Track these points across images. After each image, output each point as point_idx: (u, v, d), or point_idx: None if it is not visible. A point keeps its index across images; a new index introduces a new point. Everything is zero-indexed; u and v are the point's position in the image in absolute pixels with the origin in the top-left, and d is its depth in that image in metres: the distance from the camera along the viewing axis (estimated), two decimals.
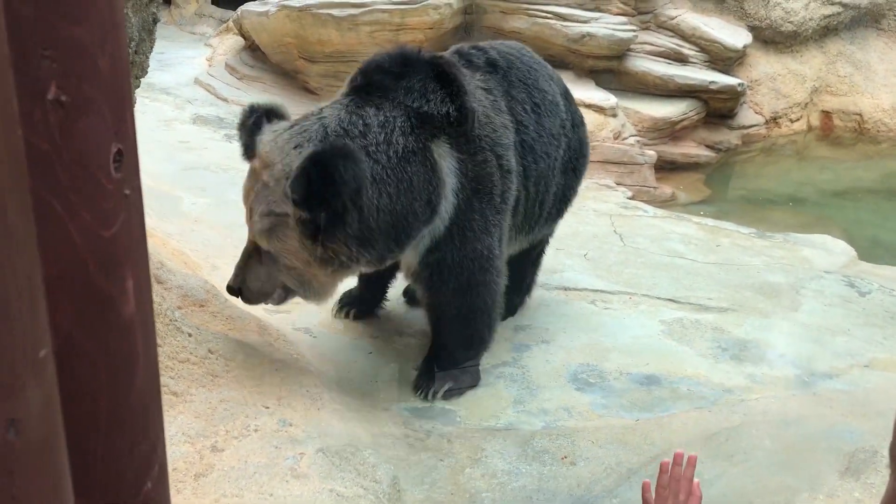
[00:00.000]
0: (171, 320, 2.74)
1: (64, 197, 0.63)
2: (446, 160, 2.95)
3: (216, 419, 2.52)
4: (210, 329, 3.02)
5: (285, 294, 3.02)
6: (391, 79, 2.95)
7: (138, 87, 2.06)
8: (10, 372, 0.48)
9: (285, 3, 7.39)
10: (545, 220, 3.65)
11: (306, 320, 3.84)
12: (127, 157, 0.69)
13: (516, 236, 3.47)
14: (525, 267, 3.88)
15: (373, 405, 3.14)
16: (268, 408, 2.65)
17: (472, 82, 3.14)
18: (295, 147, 2.77)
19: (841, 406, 3.21)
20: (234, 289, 2.97)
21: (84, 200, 0.64)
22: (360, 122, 2.83)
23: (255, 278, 2.93)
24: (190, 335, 2.78)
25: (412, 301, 3.95)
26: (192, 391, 2.61)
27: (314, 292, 3.00)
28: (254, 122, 2.90)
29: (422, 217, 2.90)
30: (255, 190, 2.81)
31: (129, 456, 0.73)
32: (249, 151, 2.91)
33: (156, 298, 2.73)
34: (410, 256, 3.09)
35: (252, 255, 2.93)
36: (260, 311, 3.84)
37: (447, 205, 2.97)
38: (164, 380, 2.58)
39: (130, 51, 1.82)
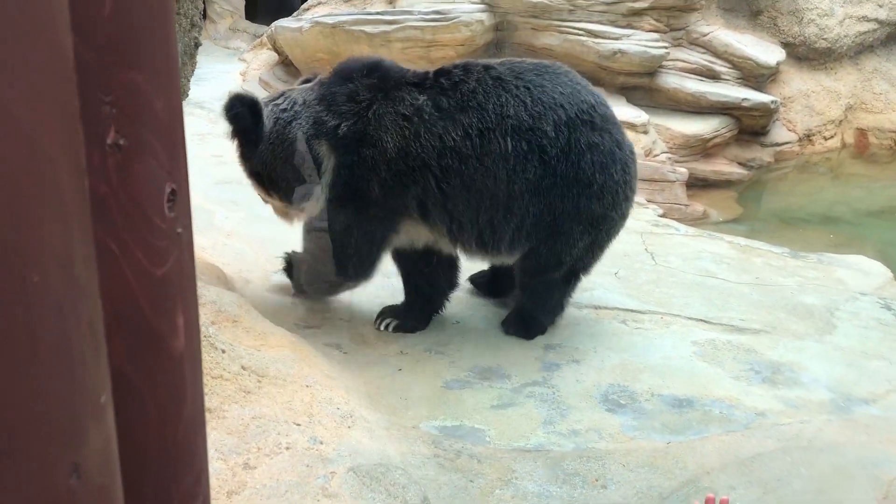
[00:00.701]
0: (205, 336, 2.76)
1: (119, 238, 0.64)
2: (325, 157, 3.65)
3: (248, 436, 2.53)
4: (243, 345, 3.05)
5: None
6: (335, 82, 3.72)
7: None
8: (72, 418, 0.49)
9: (319, 19, 7.48)
10: (513, 237, 3.71)
11: (337, 336, 3.87)
12: (180, 196, 0.70)
13: (464, 247, 3.79)
14: (552, 285, 3.89)
15: (402, 423, 3.14)
16: (299, 425, 2.66)
17: (384, 105, 3.60)
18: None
19: (878, 433, 3.15)
20: None
21: (138, 240, 0.66)
22: (293, 103, 3.70)
23: None
24: (223, 351, 2.81)
25: (478, 288, 4.39)
26: (224, 407, 2.63)
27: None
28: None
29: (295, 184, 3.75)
30: None
31: (176, 490, 0.74)
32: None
33: None
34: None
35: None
36: (291, 325, 3.87)
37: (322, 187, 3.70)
38: None
39: None
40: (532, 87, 3.62)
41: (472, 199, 3.61)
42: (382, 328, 3.93)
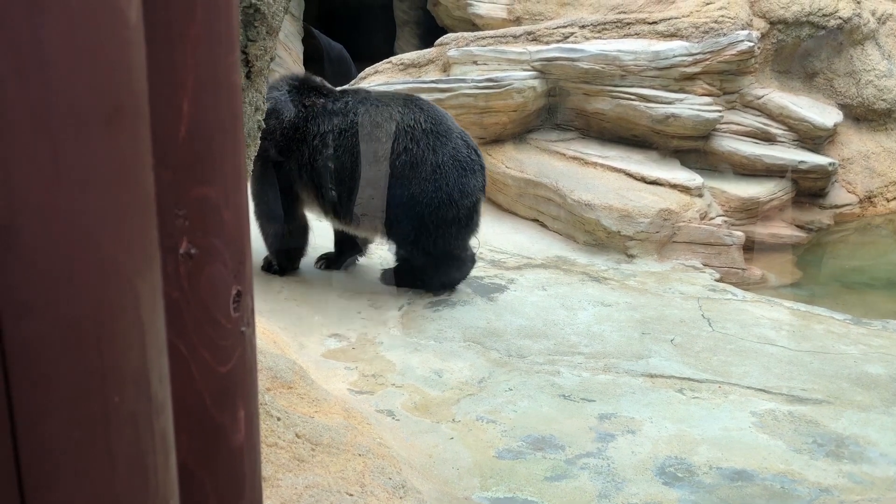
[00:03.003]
0: (261, 404, 2.81)
1: (188, 339, 0.68)
2: None
3: None
4: (297, 412, 3.09)
5: None
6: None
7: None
8: None
9: (375, 87, 7.69)
10: (364, 212, 5.11)
11: (389, 402, 3.89)
12: (244, 297, 0.75)
13: (330, 214, 5.27)
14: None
15: (454, 494, 3.12)
16: (351, 496, 2.67)
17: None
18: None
19: None
20: None
21: (205, 341, 0.70)
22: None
23: None
24: (278, 419, 2.85)
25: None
26: (278, 476, 2.66)
27: None
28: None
29: None
30: None
31: None
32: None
33: None
34: None
35: None
36: (345, 391, 3.91)
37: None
38: None
39: None
40: (380, 106, 5.08)
41: (327, 176, 5.03)
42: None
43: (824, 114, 8.40)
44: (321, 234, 5.52)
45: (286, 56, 12.41)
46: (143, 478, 0.51)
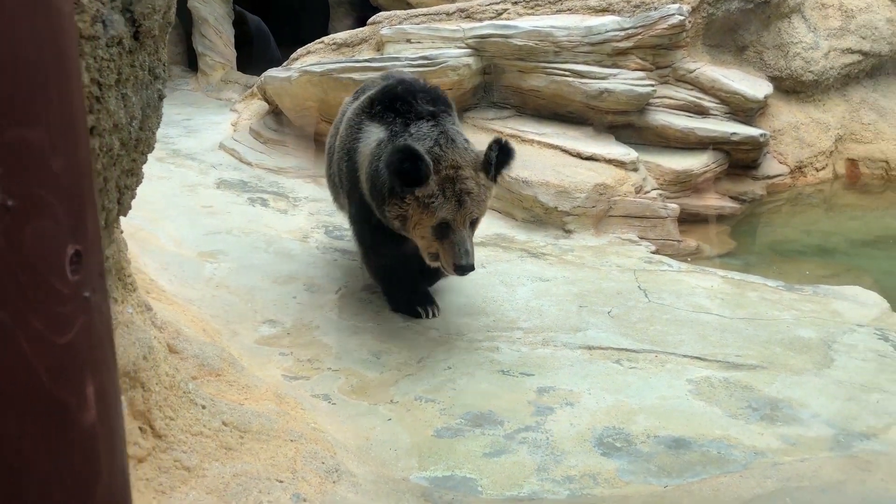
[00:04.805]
0: (184, 392, 2.70)
1: (11, 305, 0.59)
2: None
3: (228, 495, 2.46)
4: (225, 399, 2.98)
5: None
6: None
7: (145, 162, 2.07)
8: None
9: (307, 68, 7.52)
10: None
11: (326, 386, 3.80)
12: (87, 258, 0.66)
13: None
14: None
15: (391, 476, 3.06)
16: (282, 482, 2.59)
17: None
18: (466, 149, 4.09)
19: (880, 469, 3.06)
20: (473, 265, 3.98)
21: (35, 308, 0.61)
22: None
23: (473, 248, 4.05)
24: (204, 407, 2.74)
25: None
26: (204, 465, 2.56)
27: None
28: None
29: None
30: (463, 189, 3.97)
31: None
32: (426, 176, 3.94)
33: (170, 370, 2.70)
34: None
35: (469, 235, 4.03)
36: (279, 377, 3.81)
37: None
38: (176, 454, 2.53)
39: (135, 128, 1.84)
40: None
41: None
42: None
43: (755, 86, 8.53)
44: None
45: (217, 40, 12.11)
46: None
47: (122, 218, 2.62)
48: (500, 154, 4.08)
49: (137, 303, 2.65)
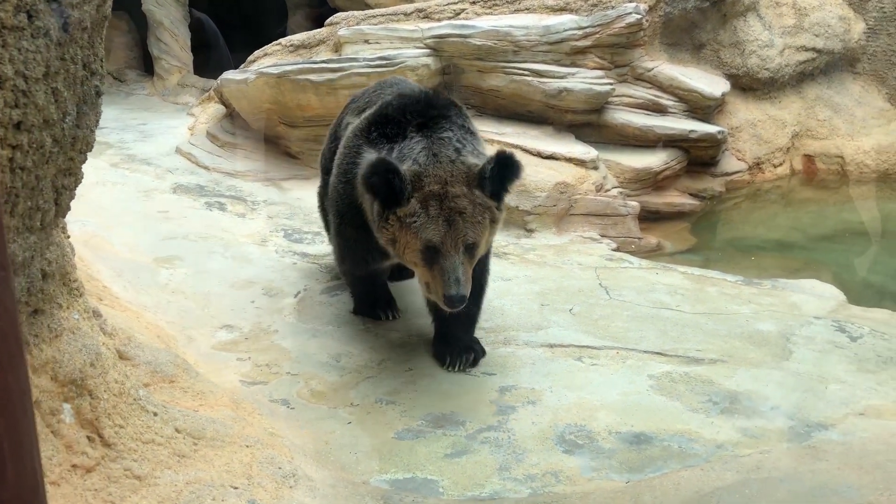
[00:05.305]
0: (134, 399, 2.63)
1: None
2: None
3: (181, 503, 2.39)
4: (178, 406, 2.91)
5: None
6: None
7: (84, 161, 2.00)
8: None
9: (264, 70, 7.44)
10: None
11: (284, 391, 3.74)
12: None
13: None
14: None
15: (351, 479, 3.01)
16: (236, 488, 2.53)
17: None
18: (454, 162, 3.58)
19: (837, 458, 3.09)
20: (464, 297, 3.50)
21: None
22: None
23: (468, 278, 3.55)
24: (155, 414, 2.67)
25: None
26: (156, 474, 2.49)
27: None
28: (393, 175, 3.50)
29: None
30: (452, 207, 3.48)
31: None
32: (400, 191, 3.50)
33: (119, 377, 2.63)
34: None
35: (464, 262, 3.52)
36: (236, 383, 3.74)
37: None
38: (126, 463, 2.46)
39: (69, 125, 1.77)
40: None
41: None
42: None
43: (712, 84, 8.62)
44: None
45: (173, 43, 11.94)
46: None
47: (71, 223, 2.54)
48: (500, 168, 3.55)
49: (84, 308, 2.57)
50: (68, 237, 2.62)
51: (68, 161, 1.87)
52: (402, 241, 3.56)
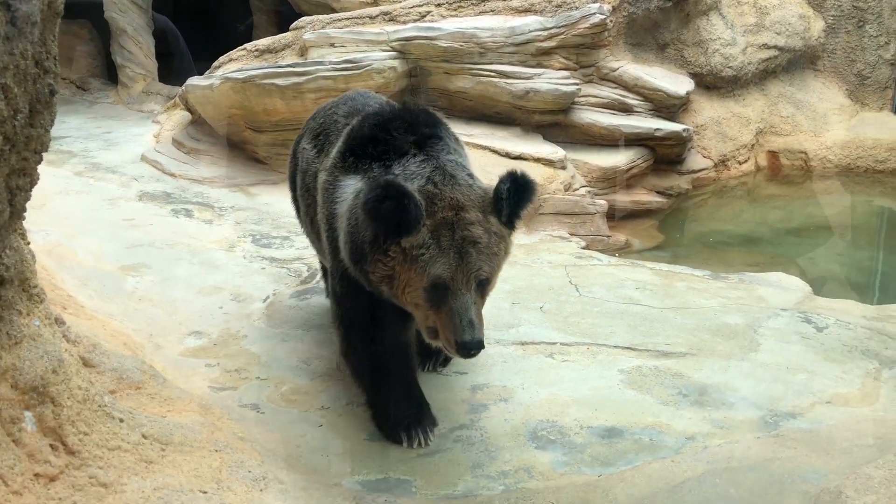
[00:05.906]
0: (99, 406, 2.58)
1: None
2: None
3: None
4: (146, 412, 2.87)
5: None
6: None
7: (39, 162, 1.96)
8: None
9: (229, 75, 7.38)
10: None
11: (254, 396, 3.70)
12: None
13: None
14: None
15: (323, 481, 2.99)
16: (205, 493, 2.49)
17: None
18: (470, 186, 3.08)
19: (804, 446, 3.12)
20: (481, 342, 2.92)
21: None
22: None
23: (481, 320, 3.01)
24: (121, 420, 2.63)
25: None
26: (123, 480, 2.45)
27: None
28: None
29: None
30: (465, 237, 2.95)
31: None
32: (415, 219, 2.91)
33: (83, 384, 2.58)
34: None
35: (476, 301, 2.99)
36: (205, 389, 3.70)
37: None
38: (92, 470, 2.41)
39: (21, 123, 1.73)
40: None
41: None
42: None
43: (677, 83, 8.72)
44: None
45: (137, 51, 11.81)
46: None
47: (34, 233, 2.49)
48: (516, 190, 3.04)
49: (45, 315, 2.53)
50: (28, 243, 2.57)
51: (22, 161, 1.83)
52: (403, 277, 2.96)
